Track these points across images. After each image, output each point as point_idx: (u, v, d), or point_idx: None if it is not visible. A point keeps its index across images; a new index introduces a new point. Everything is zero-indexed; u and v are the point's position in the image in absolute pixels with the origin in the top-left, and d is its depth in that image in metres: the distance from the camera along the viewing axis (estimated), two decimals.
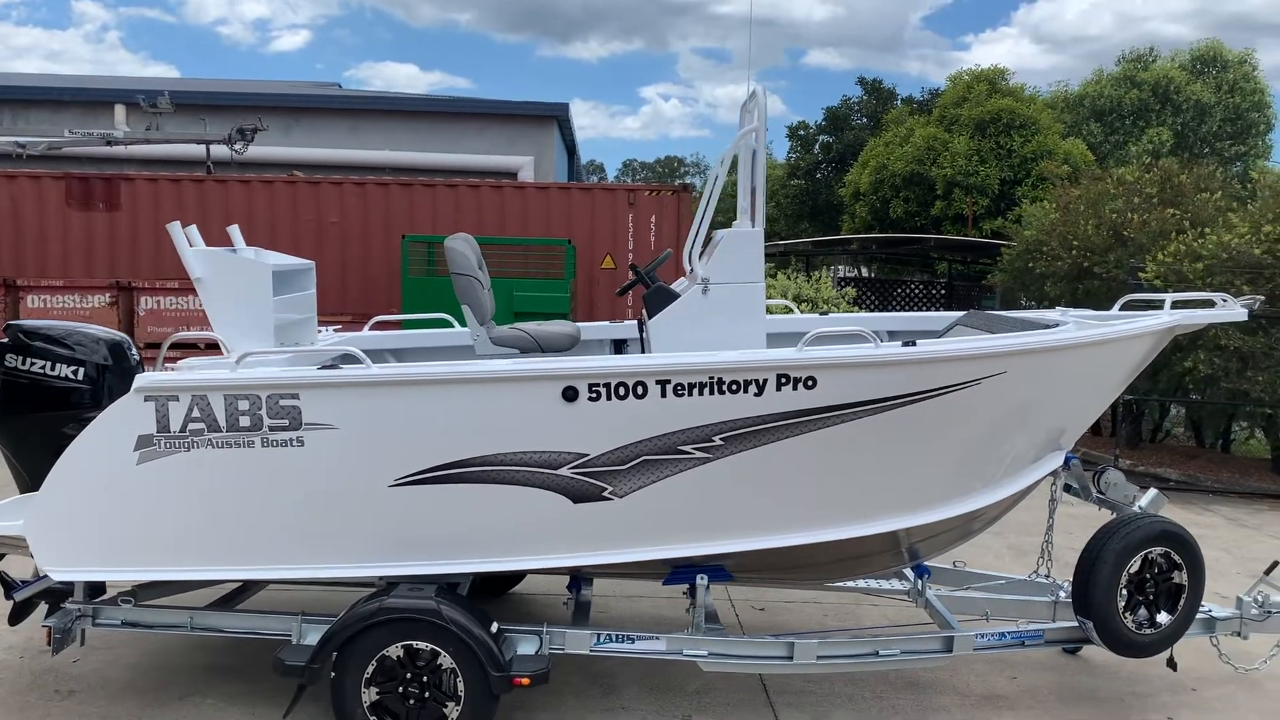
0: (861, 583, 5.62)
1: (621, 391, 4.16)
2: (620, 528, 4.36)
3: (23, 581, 4.86)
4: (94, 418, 4.92)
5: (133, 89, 18.44)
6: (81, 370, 4.91)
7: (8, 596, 4.82)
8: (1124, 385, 5.31)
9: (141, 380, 4.14)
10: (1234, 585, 6.89)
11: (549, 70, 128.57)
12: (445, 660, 4.20)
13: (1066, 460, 5.28)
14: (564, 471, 4.23)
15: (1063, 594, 5.41)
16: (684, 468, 4.27)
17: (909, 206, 25.47)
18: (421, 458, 4.18)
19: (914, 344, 4.30)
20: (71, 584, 4.65)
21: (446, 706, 4.22)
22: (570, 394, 4.15)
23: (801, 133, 39.21)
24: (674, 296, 4.81)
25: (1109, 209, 13.32)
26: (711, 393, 4.19)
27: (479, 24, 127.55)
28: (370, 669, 4.19)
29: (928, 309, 23.21)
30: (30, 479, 5.05)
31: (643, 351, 5.58)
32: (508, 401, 4.16)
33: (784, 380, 4.20)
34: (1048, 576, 5.59)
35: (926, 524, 4.76)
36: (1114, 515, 5.32)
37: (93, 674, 5.05)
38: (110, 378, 5.01)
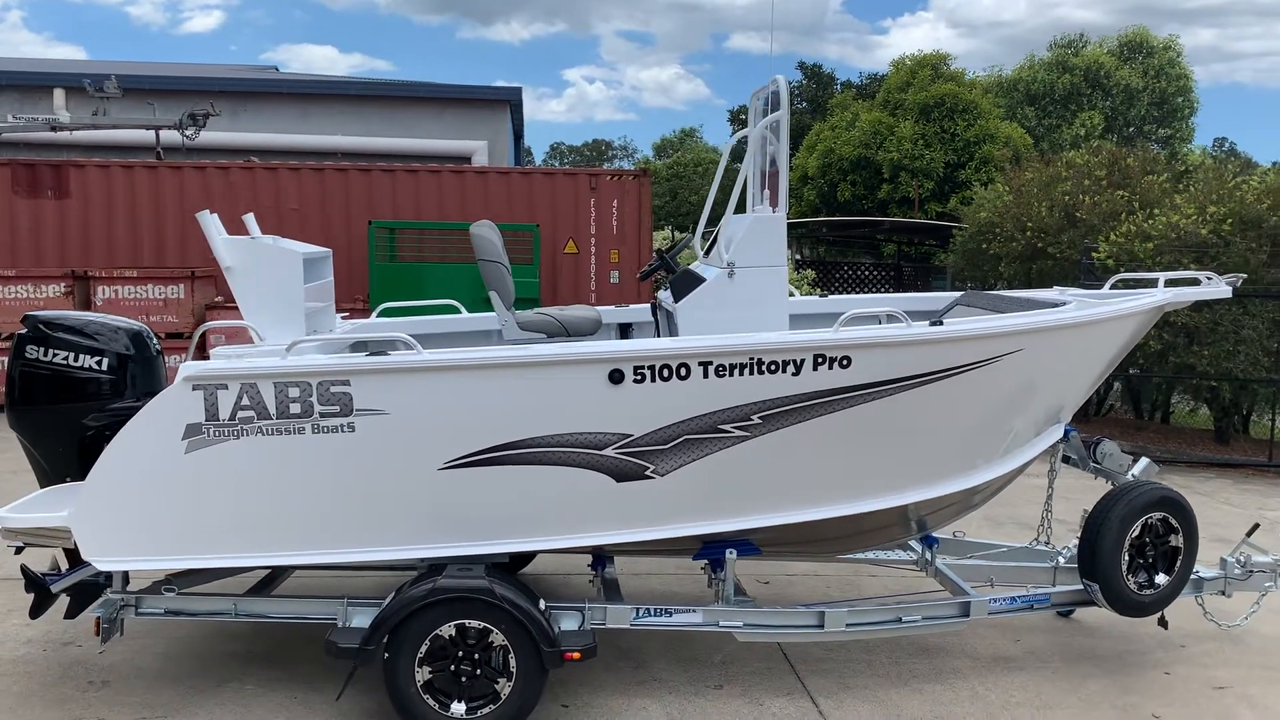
0: (870, 554, 5.85)
1: (665, 373, 4.30)
2: (660, 505, 4.50)
3: (44, 574, 4.81)
4: (118, 408, 4.94)
5: (73, 73, 17.96)
6: (105, 360, 4.90)
7: (28, 589, 4.77)
8: (1118, 360, 5.59)
9: (190, 369, 4.15)
10: (1200, 549, 7.28)
11: (471, 52, 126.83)
12: (497, 638, 4.30)
13: (1066, 433, 5.56)
14: (609, 452, 4.35)
15: (1061, 560, 5.70)
16: (723, 446, 4.42)
17: (856, 190, 25.94)
18: (471, 441, 4.27)
19: (941, 323, 4.51)
20: (107, 575, 4.64)
21: (498, 683, 4.32)
22: (617, 376, 4.27)
23: (743, 117, 39.51)
24: (700, 280, 4.94)
25: (1060, 191, 13.78)
26: (751, 373, 4.34)
27: (398, 6, 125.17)
28: (424, 649, 4.27)
29: (875, 290, 23.65)
30: (50, 470, 5.02)
31: (657, 334, 5.72)
32: (556, 384, 4.26)
33: (820, 360, 4.37)
34: (1048, 543, 5.87)
35: (942, 496, 5.00)
36: (1110, 484, 5.63)
37: (123, 664, 5.04)
38: (133, 367, 5.00)
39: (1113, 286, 5.83)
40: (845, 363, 4.39)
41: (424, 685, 4.29)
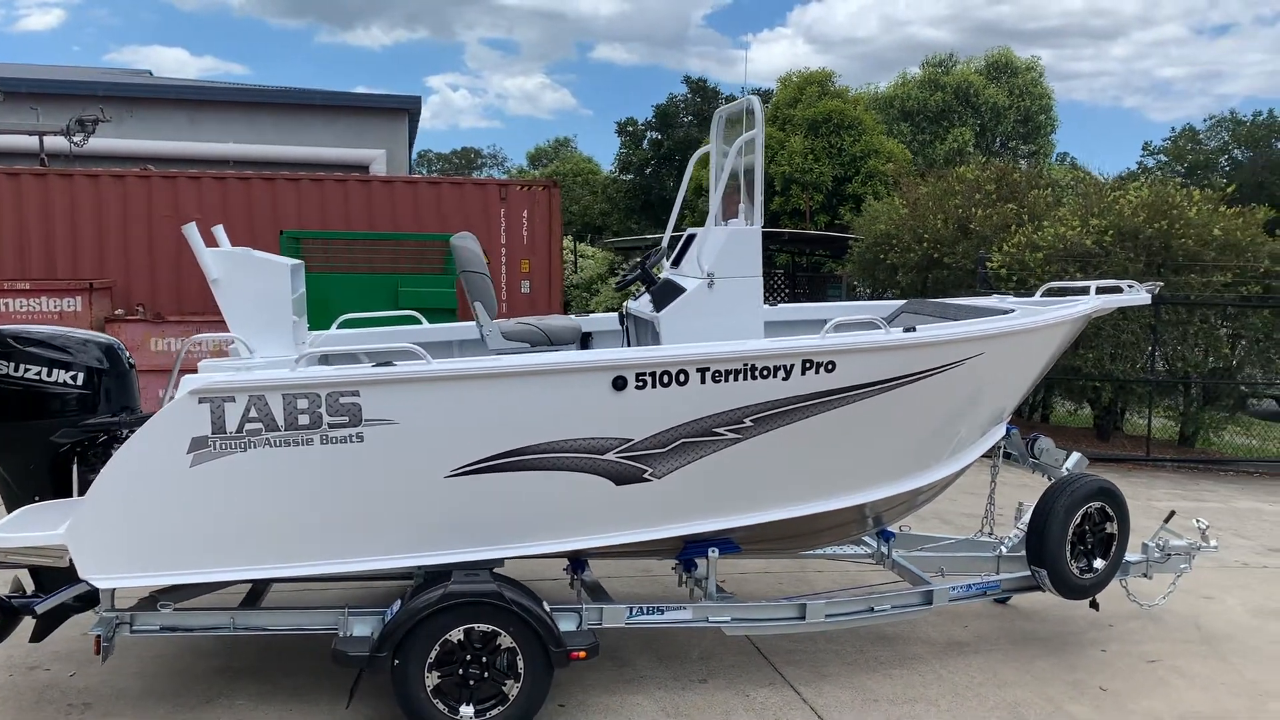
0: (830, 549, 6.14)
1: (665, 379, 4.49)
2: (655, 507, 4.68)
3: (9, 596, 4.65)
4: (93, 423, 4.83)
5: None
6: (78, 375, 4.80)
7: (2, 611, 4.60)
8: (1054, 362, 6.05)
9: (196, 382, 4.12)
10: None
11: (330, 57, 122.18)
12: (504, 640, 4.40)
13: (1007, 431, 6.00)
14: (610, 456, 4.51)
15: (1004, 549, 6.12)
16: (716, 448, 4.64)
17: None
18: (478, 448, 4.36)
19: (914, 330, 4.84)
20: (85, 595, 4.54)
21: (505, 684, 4.42)
22: (620, 383, 4.43)
23: (630, 129, 39.96)
24: (680, 290, 5.14)
25: (954, 204, 14.55)
26: (745, 378, 4.57)
27: (253, 8, 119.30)
28: (434, 654, 4.34)
29: (771, 300, 24.33)
30: (19, 488, 4.89)
31: (626, 343, 5.90)
32: (562, 391, 4.40)
33: (808, 365, 4.64)
34: (990, 534, 6.29)
35: (900, 493, 5.34)
36: (1046, 477, 6.08)
37: (101, 685, 4.91)
38: (107, 381, 4.90)
39: (1043, 294, 6.30)
40: (830, 367, 4.66)
41: (434, 690, 4.35)
